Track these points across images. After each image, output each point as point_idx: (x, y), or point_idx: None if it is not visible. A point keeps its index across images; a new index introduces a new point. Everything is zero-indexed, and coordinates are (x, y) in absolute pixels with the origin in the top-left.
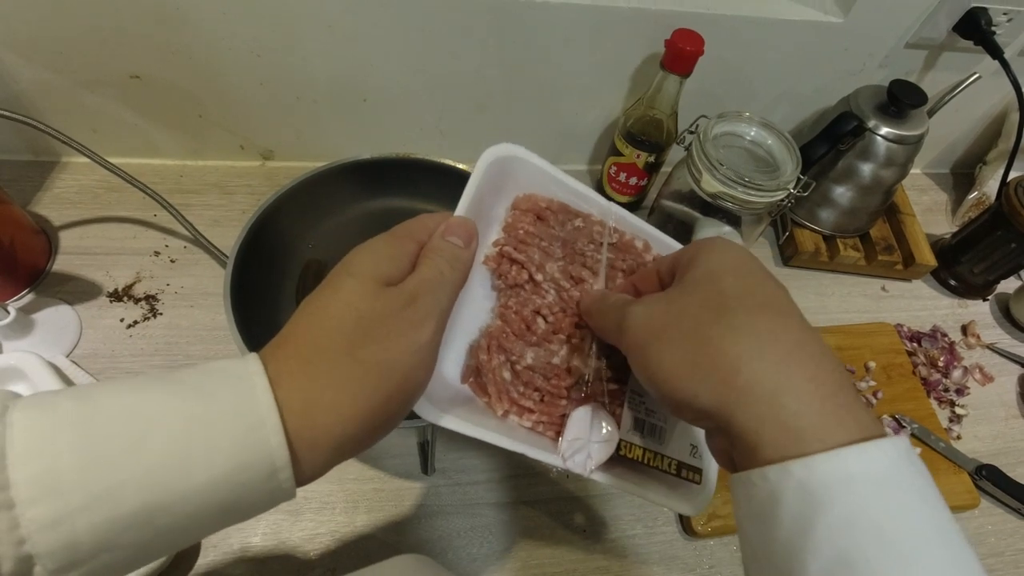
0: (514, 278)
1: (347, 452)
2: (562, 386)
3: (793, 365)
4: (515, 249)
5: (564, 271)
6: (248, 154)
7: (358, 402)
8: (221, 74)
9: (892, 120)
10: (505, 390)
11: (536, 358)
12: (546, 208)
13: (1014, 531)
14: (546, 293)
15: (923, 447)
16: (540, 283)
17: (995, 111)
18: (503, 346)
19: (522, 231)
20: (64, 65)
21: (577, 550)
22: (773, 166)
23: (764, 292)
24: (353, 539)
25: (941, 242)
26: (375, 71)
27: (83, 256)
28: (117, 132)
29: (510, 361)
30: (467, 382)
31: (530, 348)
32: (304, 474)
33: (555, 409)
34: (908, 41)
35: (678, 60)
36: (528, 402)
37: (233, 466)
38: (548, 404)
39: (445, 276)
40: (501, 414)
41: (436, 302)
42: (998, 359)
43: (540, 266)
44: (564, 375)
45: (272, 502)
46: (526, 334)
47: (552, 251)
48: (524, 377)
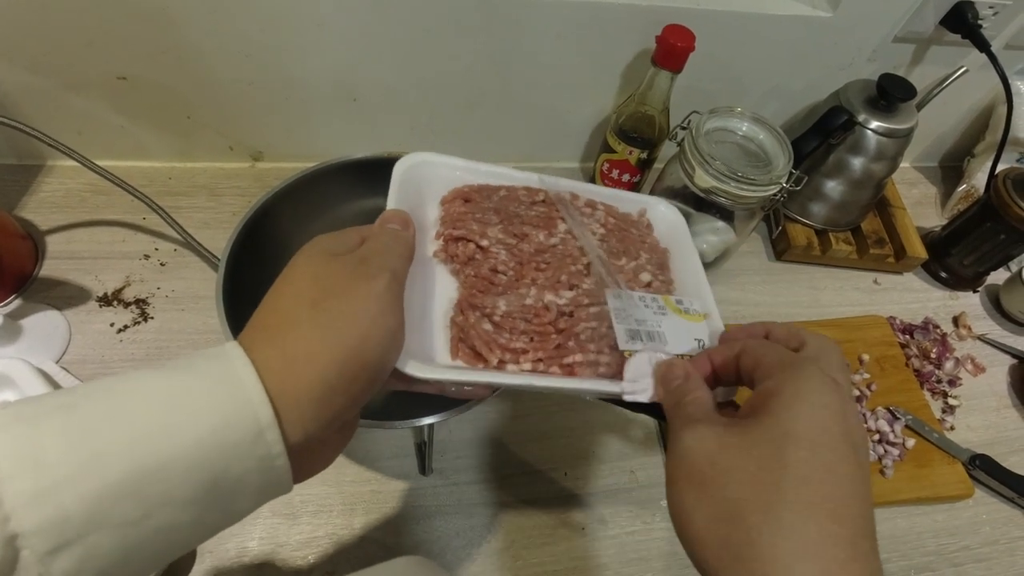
0: (464, 253)
1: (335, 405)
2: (546, 322)
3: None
4: (454, 228)
5: (506, 231)
6: (238, 155)
7: (330, 348)
8: (210, 74)
9: (882, 114)
10: (491, 339)
11: (509, 304)
12: (469, 191)
13: (1008, 520)
14: (497, 254)
15: (917, 438)
16: (488, 248)
17: (982, 104)
18: (474, 304)
19: (455, 213)
20: (49, 66)
21: (576, 548)
22: (765, 161)
23: (833, 481)
24: (351, 541)
25: (931, 235)
26: (365, 70)
27: (71, 261)
28: (104, 134)
29: (486, 315)
30: (458, 356)
31: (501, 297)
32: (294, 433)
33: (548, 343)
34: (896, 35)
35: (669, 56)
36: (518, 343)
37: (217, 424)
38: (540, 341)
39: (390, 246)
40: (496, 363)
41: (386, 261)
42: (989, 350)
43: (482, 233)
44: (543, 312)
45: (264, 471)
46: (491, 288)
47: (488, 219)
48: (506, 325)
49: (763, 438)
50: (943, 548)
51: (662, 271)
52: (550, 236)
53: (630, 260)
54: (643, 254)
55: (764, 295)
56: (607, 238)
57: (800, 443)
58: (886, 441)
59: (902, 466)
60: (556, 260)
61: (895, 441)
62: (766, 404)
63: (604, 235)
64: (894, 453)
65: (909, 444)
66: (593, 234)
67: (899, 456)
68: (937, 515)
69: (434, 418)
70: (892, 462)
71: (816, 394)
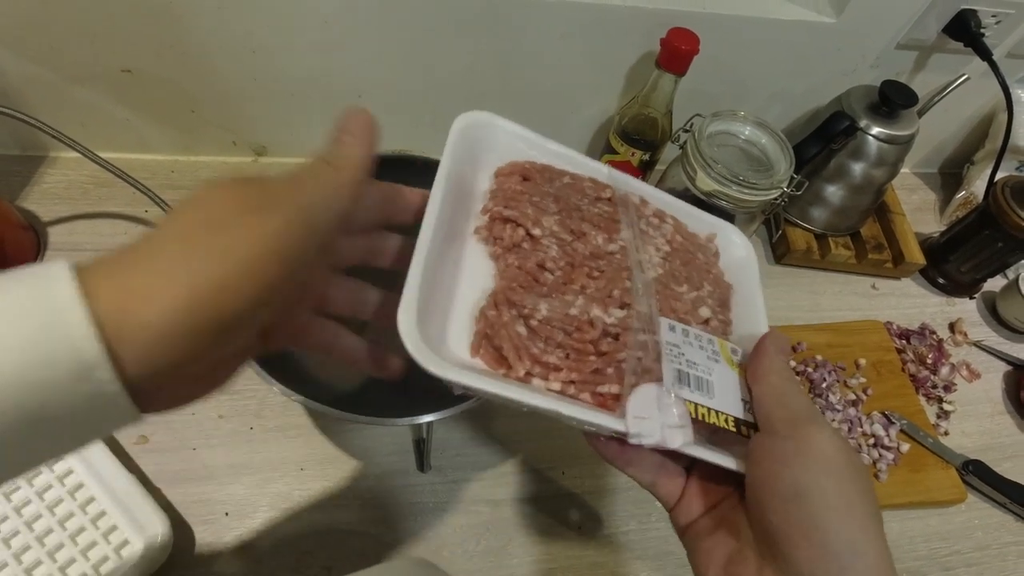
0: (510, 238)
1: (180, 349)
2: (586, 339)
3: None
4: (506, 207)
5: (562, 224)
6: (241, 150)
7: (177, 287)
8: (214, 69)
9: (883, 120)
10: (523, 345)
11: (551, 309)
12: (531, 168)
13: (1000, 525)
14: (548, 248)
15: (912, 443)
16: (539, 238)
17: (983, 112)
18: (512, 300)
19: (510, 190)
20: (53, 58)
21: (572, 546)
22: (767, 165)
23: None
24: (349, 537)
25: (930, 241)
26: (370, 67)
27: (73, 252)
28: (107, 127)
29: (522, 315)
30: (478, 354)
31: (543, 299)
32: (136, 367)
33: (584, 365)
34: (899, 42)
35: (673, 59)
36: (552, 358)
37: (28, 361)
38: (577, 361)
39: (317, 176)
40: (523, 375)
41: (296, 197)
42: (985, 356)
43: (536, 220)
44: (587, 327)
45: (97, 408)
46: (535, 286)
47: (545, 205)
48: (542, 332)
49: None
50: (935, 552)
51: (722, 309)
52: (609, 241)
53: (692, 289)
54: (707, 285)
55: None
56: (671, 258)
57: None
58: (881, 445)
59: (896, 470)
60: (611, 271)
61: (890, 445)
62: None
63: (668, 254)
64: (888, 457)
65: (904, 449)
66: (657, 250)
67: (893, 460)
68: (930, 519)
69: (433, 416)
70: (886, 466)
71: (826, 459)
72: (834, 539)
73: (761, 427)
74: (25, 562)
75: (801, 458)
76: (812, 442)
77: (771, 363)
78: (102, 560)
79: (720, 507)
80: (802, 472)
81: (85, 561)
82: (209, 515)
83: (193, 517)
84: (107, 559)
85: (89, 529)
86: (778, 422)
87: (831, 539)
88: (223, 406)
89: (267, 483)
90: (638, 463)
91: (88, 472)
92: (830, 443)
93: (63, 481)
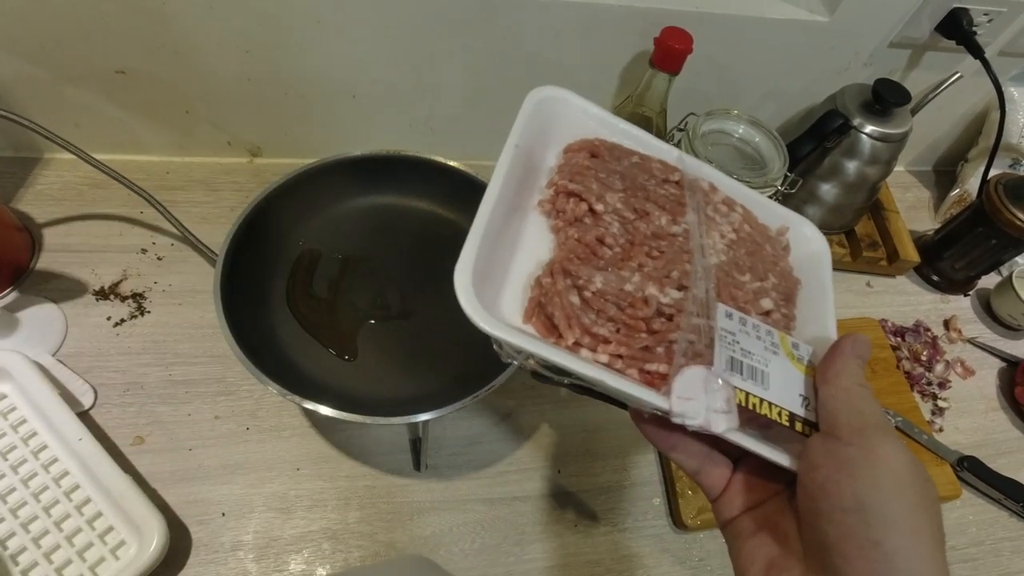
0: (572, 211)
1: None
2: (638, 316)
3: None
4: (571, 181)
5: (626, 202)
6: (235, 150)
7: None
8: (208, 69)
9: (877, 118)
10: (575, 315)
11: (607, 282)
12: (600, 146)
13: (994, 521)
14: (609, 224)
15: (907, 439)
16: (601, 214)
17: (976, 109)
18: (568, 270)
19: (577, 165)
20: (46, 59)
21: (569, 544)
22: (761, 163)
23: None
24: (346, 536)
25: (924, 238)
26: (364, 67)
27: (68, 254)
28: (101, 127)
29: (576, 286)
30: (530, 320)
31: (599, 272)
32: None
33: (634, 341)
34: (892, 40)
35: (667, 58)
36: (602, 330)
37: None
38: (627, 336)
39: None
40: (572, 343)
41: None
42: (979, 353)
43: (600, 196)
44: (641, 304)
45: None
46: (592, 259)
47: (611, 183)
48: (595, 304)
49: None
50: None
51: (787, 303)
52: (673, 223)
53: (755, 279)
54: (772, 277)
55: None
56: (736, 246)
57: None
58: None
59: None
60: (672, 252)
61: None
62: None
63: (733, 242)
64: None
65: None
66: (722, 236)
67: None
68: None
69: (429, 415)
70: None
71: (892, 470)
72: (894, 560)
73: (824, 429)
74: (22, 563)
75: (867, 469)
76: (879, 453)
77: (845, 365)
78: (98, 561)
79: (766, 505)
80: (867, 484)
81: (81, 563)
82: (205, 515)
83: (189, 518)
84: (103, 560)
85: (85, 531)
86: (844, 427)
87: (891, 559)
88: (219, 406)
89: (263, 483)
90: (683, 448)
91: (84, 474)
92: (900, 457)
93: (59, 483)
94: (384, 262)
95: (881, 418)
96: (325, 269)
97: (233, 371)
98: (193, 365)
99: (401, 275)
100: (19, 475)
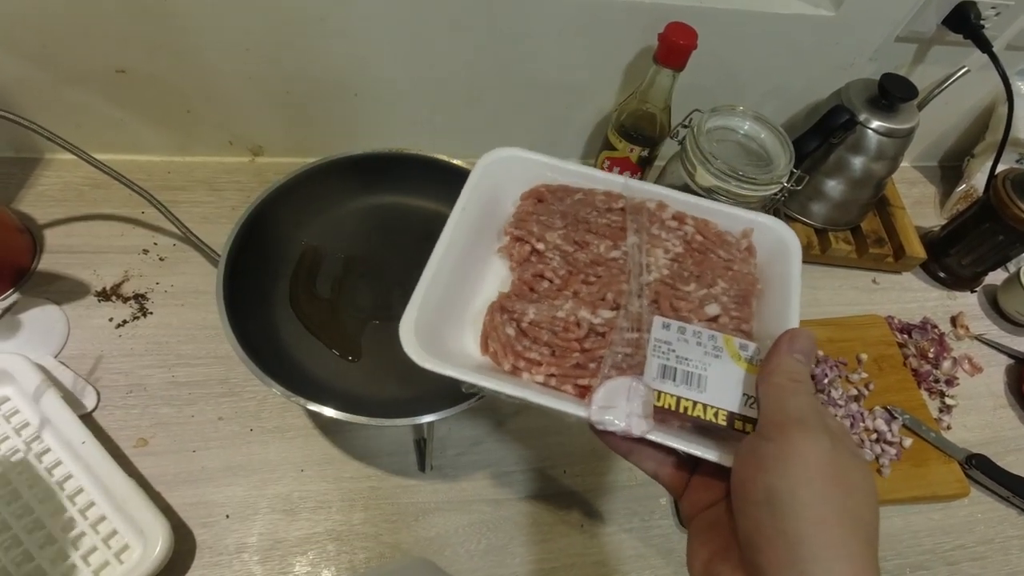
0: (519, 253)
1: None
2: (571, 338)
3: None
4: (516, 228)
5: (566, 238)
6: (237, 150)
7: None
8: (209, 69)
9: (883, 113)
10: (509, 345)
11: (539, 313)
12: (545, 191)
13: (1003, 519)
14: (550, 259)
15: (914, 437)
16: (543, 252)
17: (982, 104)
18: (504, 307)
19: (523, 212)
20: (47, 58)
21: (575, 545)
22: (766, 160)
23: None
24: (350, 538)
25: (930, 235)
26: (367, 65)
27: (69, 255)
28: (102, 128)
29: (513, 319)
30: (486, 352)
31: (532, 305)
32: None
33: (566, 360)
34: (898, 35)
35: (671, 54)
36: (534, 355)
37: None
38: (559, 357)
39: None
40: (509, 368)
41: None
42: (986, 350)
43: (540, 236)
44: (573, 327)
45: None
46: (528, 294)
47: (551, 223)
48: (531, 333)
49: (746, 501)
50: (938, 547)
51: (739, 306)
52: (613, 248)
53: (701, 287)
54: (721, 283)
55: None
56: (682, 258)
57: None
58: (883, 440)
59: (899, 465)
60: (609, 275)
61: (892, 440)
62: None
63: (680, 254)
64: (891, 452)
65: (906, 443)
66: (666, 252)
67: (896, 455)
68: (933, 514)
69: (434, 416)
70: (889, 461)
71: (804, 460)
72: (797, 548)
73: (757, 427)
74: (26, 569)
75: (780, 462)
76: (795, 446)
77: (779, 362)
78: (102, 565)
79: (720, 504)
80: (778, 477)
81: (86, 567)
82: (209, 517)
83: (193, 520)
84: (107, 564)
85: (89, 535)
86: (767, 423)
87: (794, 548)
88: (222, 408)
89: (267, 485)
90: (639, 452)
91: (88, 477)
92: (814, 449)
93: (63, 486)
94: (387, 262)
95: (805, 412)
96: (328, 269)
97: (236, 372)
98: (196, 366)
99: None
100: (23, 479)
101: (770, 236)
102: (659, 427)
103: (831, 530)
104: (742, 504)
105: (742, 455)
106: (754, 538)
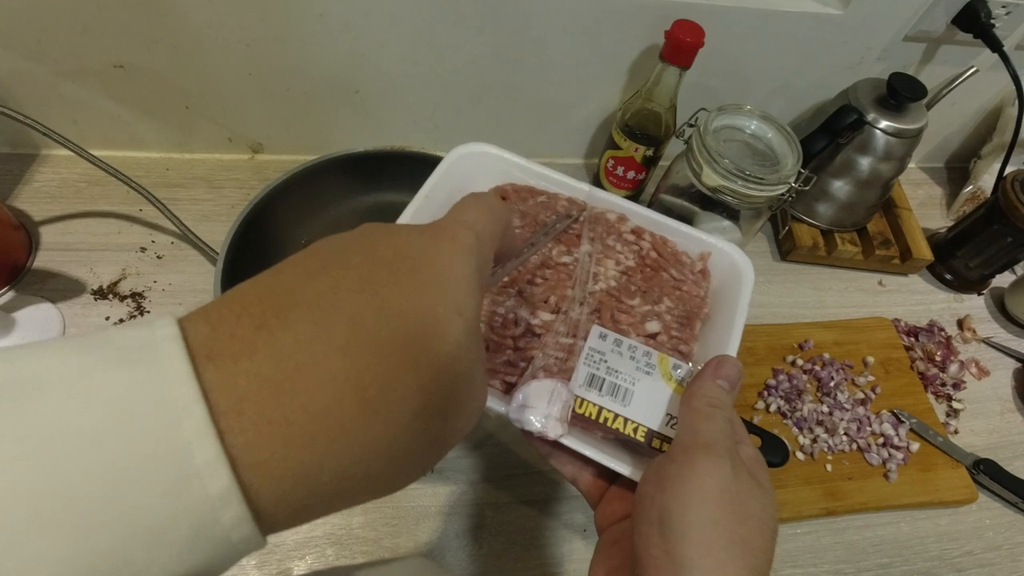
0: None
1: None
2: (507, 335)
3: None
4: None
5: (520, 237)
6: (237, 147)
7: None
8: (208, 64)
9: (891, 113)
10: None
11: None
12: (510, 189)
13: (1011, 524)
14: None
15: (921, 442)
16: None
17: (990, 105)
18: None
19: None
20: (43, 53)
21: (577, 550)
22: (774, 160)
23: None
24: (350, 542)
25: (937, 236)
26: (368, 61)
27: (65, 252)
28: (100, 123)
29: None
30: None
31: None
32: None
33: (498, 356)
34: (907, 34)
35: (678, 52)
36: None
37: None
38: (492, 351)
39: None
40: None
41: (468, 217)
42: (994, 353)
43: None
44: (511, 324)
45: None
46: None
47: None
48: None
49: (643, 521)
50: (946, 553)
51: (682, 327)
52: (565, 253)
53: (646, 303)
54: (667, 301)
55: (769, 295)
56: (632, 272)
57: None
58: (890, 445)
59: (906, 470)
60: (556, 279)
61: (899, 445)
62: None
63: (631, 268)
64: (898, 457)
65: (913, 448)
66: (617, 264)
67: (903, 460)
68: (940, 520)
69: None
70: (896, 466)
71: (700, 488)
72: (680, 571)
73: (669, 447)
74: None
75: (678, 483)
76: (696, 470)
77: (700, 386)
78: None
79: (628, 520)
80: (671, 497)
81: None
82: None
83: None
84: None
85: None
86: (677, 445)
87: (678, 570)
88: None
89: None
90: (557, 456)
91: None
92: (714, 474)
93: None
94: None
95: (715, 438)
96: None
97: None
98: None
99: None
100: None
101: (726, 261)
102: (581, 434)
103: (715, 555)
104: (638, 523)
105: (648, 473)
106: (643, 558)
